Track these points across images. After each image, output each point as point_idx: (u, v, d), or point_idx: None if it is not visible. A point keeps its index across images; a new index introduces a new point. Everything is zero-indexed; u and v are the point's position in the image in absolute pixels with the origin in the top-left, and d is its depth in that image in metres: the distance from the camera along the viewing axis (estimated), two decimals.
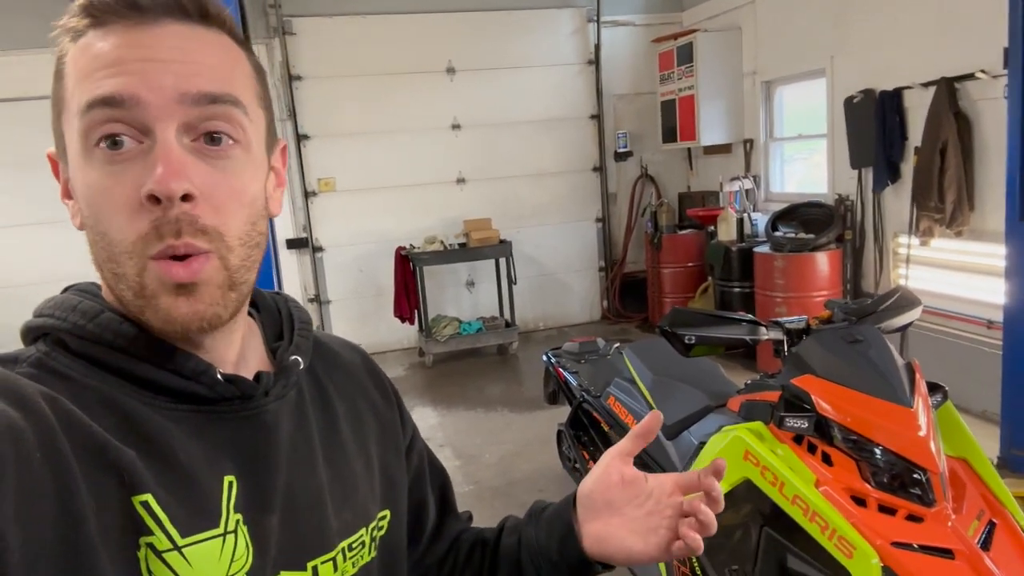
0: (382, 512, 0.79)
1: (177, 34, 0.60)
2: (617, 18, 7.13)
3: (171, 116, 0.58)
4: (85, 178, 0.60)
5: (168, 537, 0.57)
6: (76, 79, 0.60)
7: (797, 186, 6.19)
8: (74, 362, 0.61)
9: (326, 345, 0.84)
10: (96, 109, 0.58)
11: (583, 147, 7.27)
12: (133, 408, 0.61)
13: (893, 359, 1.83)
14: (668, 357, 2.71)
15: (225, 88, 0.61)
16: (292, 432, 0.71)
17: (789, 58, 5.86)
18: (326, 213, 6.69)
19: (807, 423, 1.77)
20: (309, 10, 6.36)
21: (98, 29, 0.60)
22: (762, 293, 5.40)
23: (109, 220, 0.59)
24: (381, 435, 0.83)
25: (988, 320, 4.18)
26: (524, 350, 6.62)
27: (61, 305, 0.64)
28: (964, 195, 4.23)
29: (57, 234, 5.84)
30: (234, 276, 0.63)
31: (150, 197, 0.57)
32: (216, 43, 0.63)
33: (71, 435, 0.54)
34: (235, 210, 0.62)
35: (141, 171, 0.58)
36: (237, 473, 0.64)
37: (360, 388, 0.83)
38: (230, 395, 0.66)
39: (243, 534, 0.62)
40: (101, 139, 0.58)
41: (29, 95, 5.64)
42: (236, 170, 0.62)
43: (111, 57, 0.58)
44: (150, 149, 0.58)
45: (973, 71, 4.09)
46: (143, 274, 0.59)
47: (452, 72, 6.78)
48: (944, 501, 1.66)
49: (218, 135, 0.61)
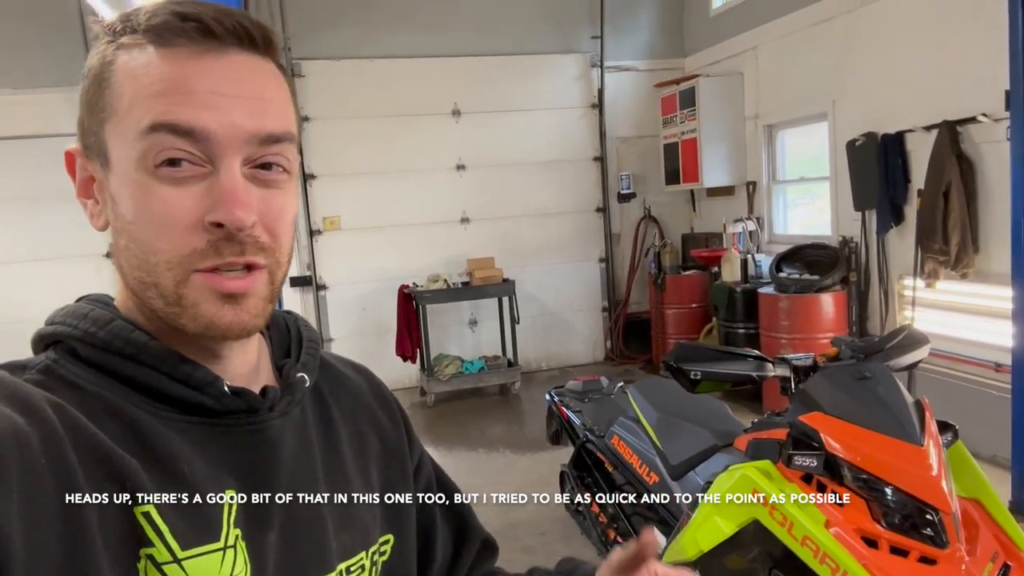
0: (384, 537, 0.77)
1: (245, 66, 0.62)
2: (620, 63, 7.26)
3: (239, 151, 0.60)
4: (138, 190, 0.60)
5: (168, 549, 0.57)
6: (136, 94, 0.60)
7: (801, 228, 6.21)
8: (83, 370, 0.61)
9: (333, 366, 0.83)
10: (163, 133, 0.58)
11: (586, 188, 7.33)
12: (139, 418, 0.61)
13: (902, 396, 1.81)
14: (673, 396, 2.69)
15: (286, 127, 0.64)
16: (295, 450, 0.70)
17: (791, 102, 5.93)
18: (330, 251, 6.72)
19: (816, 461, 1.74)
20: (318, 53, 6.48)
21: (162, 48, 0.60)
22: (767, 334, 5.37)
23: (157, 232, 0.60)
24: (386, 458, 0.81)
25: (996, 363, 4.14)
26: (526, 390, 6.57)
27: (73, 313, 0.65)
28: (968, 237, 4.23)
29: (63, 270, 5.89)
30: (275, 291, 0.66)
31: (216, 224, 0.59)
32: (274, 77, 0.65)
33: (76, 443, 0.54)
34: (284, 231, 0.65)
35: (202, 194, 0.60)
36: (238, 488, 0.63)
37: (365, 409, 0.82)
38: (236, 408, 0.65)
39: (242, 550, 0.62)
40: (163, 161, 0.59)
41: (39, 133, 5.74)
42: (284, 195, 0.65)
43: (181, 83, 0.59)
44: (211, 174, 0.60)
45: (975, 114, 4.13)
46: (182, 285, 0.60)
47: (458, 114, 6.87)
48: (957, 543, 1.62)
49: (270, 163, 0.63)
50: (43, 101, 5.72)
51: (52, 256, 5.92)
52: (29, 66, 5.85)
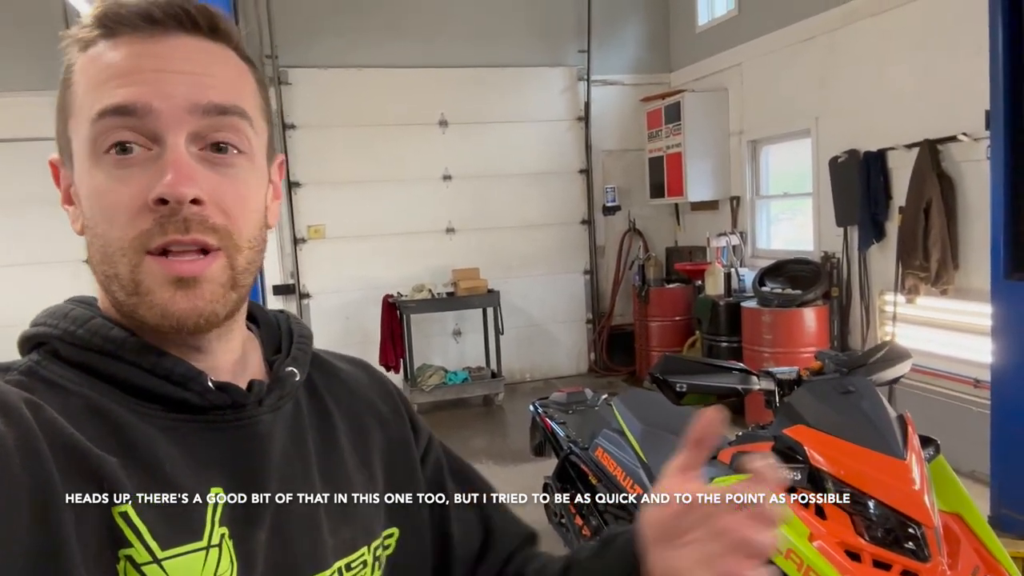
0: (388, 530, 0.76)
1: (188, 46, 0.62)
2: (607, 77, 7.31)
3: (181, 125, 0.60)
4: (91, 181, 0.61)
5: (147, 549, 0.56)
6: (86, 87, 0.61)
7: (784, 243, 6.27)
8: (65, 370, 0.61)
9: (328, 361, 0.82)
10: (108, 117, 0.59)
11: (572, 200, 7.35)
12: (120, 416, 0.60)
13: (885, 411, 1.82)
14: (657, 408, 2.69)
15: (234, 100, 0.63)
16: (286, 446, 0.69)
17: (775, 119, 5.99)
18: (314, 260, 6.68)
19: (800, 474, 1.75)
20: (305, 62, 6.46)
21: (109, 39, 0.61)
22: (750, 348, 5.40)
23: (110, 220, 0.60)
24: (389, 450, 0.80)
25: (975, 379, 4.19)
26: (510, 401, 6.55)
27: (54, 313, 0.65)
28: (948, 254, 4.28)
29: (46, 275, 5.80)
30: (238, 277, 0.64)
31: (158, 200, 0.58)
32: (224, 57, 0.65)
33: (53, 442, 0.54)
34: (242, 214, 0.63)
35: (149, 176, 0.59)
36: (225, 485, 0.62)
37: (365, 402, 0.81)
38: (221, 403, 0.64)
39: (228, 548, 0.60)
40: (111, 146, 0.59)
41: (18, 137, 5.67)
42: (241, 178, 0.64)
43: (124, 67, 0.60)
44: (159, 156, 0.59)
45: (955, 134, 4.19)
46: (137, 270, 0.60)
47: (444, 124, 6.88)
48: (939, 556, 1.63)
49: (224, 145, 0.62)
50: (23, 104, 5.65)
51: (28, 261, 5.84)
52: (9, 69, 5.78)
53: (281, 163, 0.74)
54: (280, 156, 0.74)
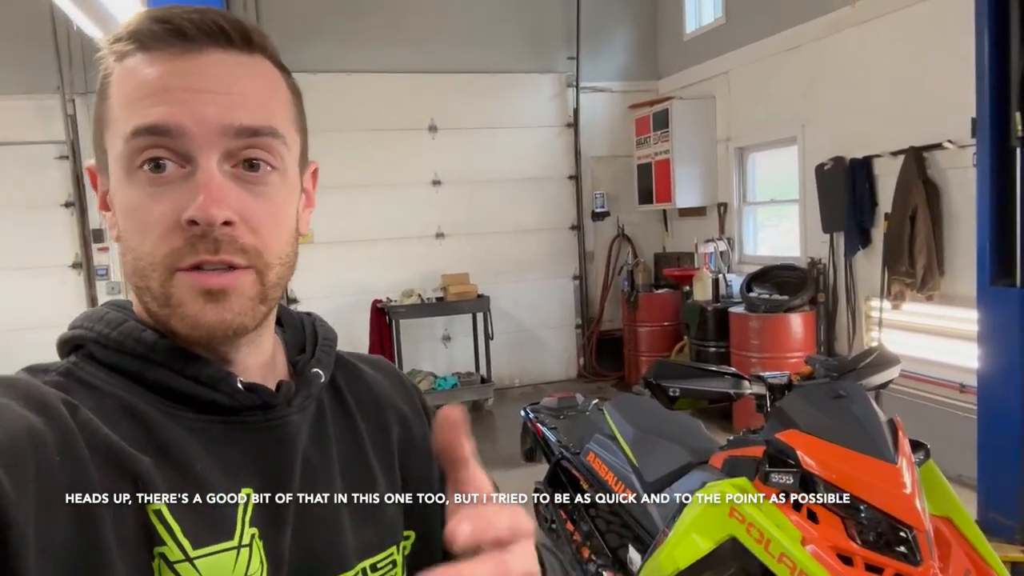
0: (406, 532, 0.76)
1: (221, 63, 0.62)
2: (595, 84, 7.34)
3: (213, 146, 0.60)
4: (125, 195, 0.62)
5: (180, 548, 0.57)
6: (121, 102, 0.62)
7: (771, 249, 6.32)
8: (100, 371, 0.63)
9: (351, 362, 0.83)
10: (142, 136, 0.60)
11: (561, 206, 7.37)
12: (153, 417, 0.61)
13: (876, 415, 1.84)
14: (649, 413, 2.70)
15: (265, 121, 0.63)
16: (310, 446, 0.70)
17: (761, 126, 6.04)
18: (303, 265, 6.36)
19: (792, 479, 1.75)
20: (294, 66, 6.15)
21: (144, 54, 0.62)
22: (737, 353, 5.43)
23: (143, 236, 0.61)
24: (410, 450, 0.80)
25: (961, 384, 4.23)
26: (499, 407, 6.55)
27: (90, 317, 0.67)
28: (934, 260, 4.33)
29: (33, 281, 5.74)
30: (268, 291, 0.65)
31: (190, 221, 0.59)
32: (258, 71, 0.65)
33: (90, 442, 0.55)
34: (272, 232, 0.64)
35: (182, 195, 0.60)
36: (256, 486, 0.63)
37: (388, 403, 0.81)
38: (251, 404, 0.65)
39: (258, 548, 0.61)
40: (145, 161, 0.60)
41: (6, 141, 5.61)
42: (273, 195, 0.64)
43: (157, 85, 0.60)
44: (191, 174, 0.60)
45: (941, 141, 4.24)
46: (167, 284, 0.61)
47: (434, 130, 6.89)
48: (931, 560, 1.64)
49: (257, 161, 0.63)
50: (11, 108, 5.60)
51: (16, 266, 5.77)
52: None
53: (315, 170, 0.75)
54: (314, 163, 0.75)
